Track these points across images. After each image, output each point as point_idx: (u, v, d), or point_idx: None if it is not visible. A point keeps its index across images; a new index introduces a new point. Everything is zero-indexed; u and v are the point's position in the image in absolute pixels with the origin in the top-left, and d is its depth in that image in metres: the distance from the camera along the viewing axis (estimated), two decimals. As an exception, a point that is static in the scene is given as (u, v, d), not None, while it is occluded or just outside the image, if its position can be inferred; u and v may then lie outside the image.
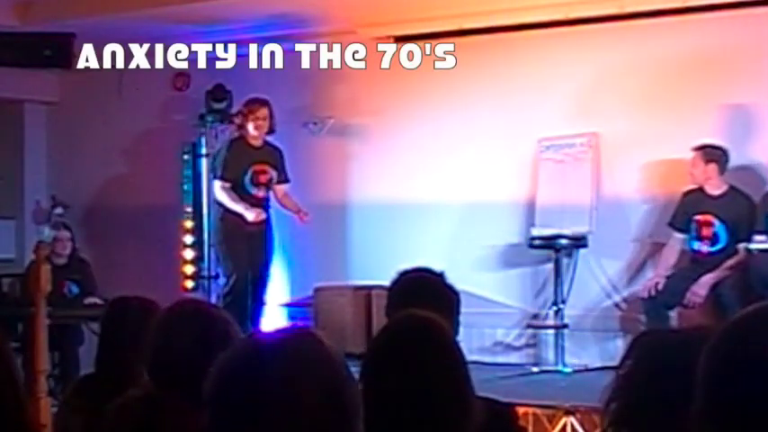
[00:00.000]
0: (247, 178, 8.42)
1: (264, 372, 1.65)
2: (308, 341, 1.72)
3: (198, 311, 3.10)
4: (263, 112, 8.41)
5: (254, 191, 8.44)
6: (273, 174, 8.51)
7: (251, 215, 8.26)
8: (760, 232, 7.20)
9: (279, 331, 1.78)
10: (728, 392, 1.52)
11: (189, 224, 9.69)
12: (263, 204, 8.45)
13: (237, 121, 8.56)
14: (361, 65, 9.07)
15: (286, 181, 8.60)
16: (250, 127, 8.42)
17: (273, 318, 8.85)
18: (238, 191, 8.39)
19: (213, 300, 9.25)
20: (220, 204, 8.42)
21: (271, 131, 8.51)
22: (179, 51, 9.80)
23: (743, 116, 7.81)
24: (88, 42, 9.06)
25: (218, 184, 8.45)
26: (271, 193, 8.56)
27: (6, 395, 2.01)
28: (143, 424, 2.88)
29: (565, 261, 8.06)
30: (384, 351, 2.54)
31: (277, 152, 8.57)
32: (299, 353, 1.69)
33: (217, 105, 9.52)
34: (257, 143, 8.48)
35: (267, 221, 8.46)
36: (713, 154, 7.52)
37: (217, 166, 8.53)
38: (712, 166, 7.50)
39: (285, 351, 1.69)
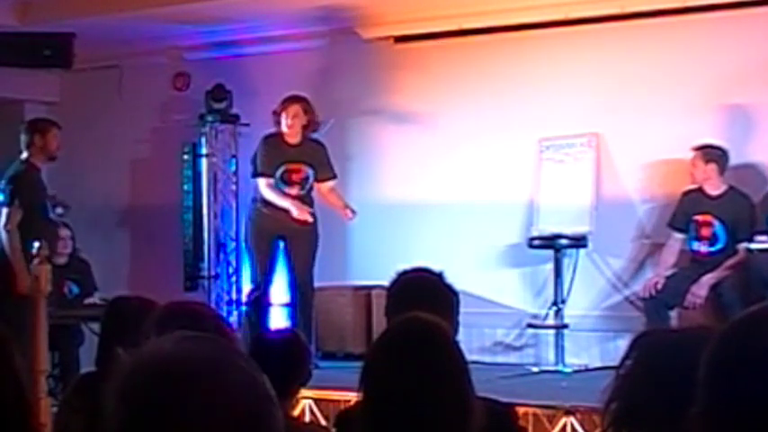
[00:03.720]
0: (278, 176, 8.17)
1: (178, 398, 1.45)
2: (221, 358, 1.51)
3: (192, 312, 3.10)
4: (295, 108, 8.12)
5: (286, 189, 8.17)
6: (309, 172, 8.24)
7: (296, 212, 8.03)
8: (761, 232, 7.20)
9: (184, 344, 1.53)
10: (729, 393, 1.52)
11: (189, 224, 9.69)
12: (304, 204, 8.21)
13: (275, 119, 8.25)
14: (361, 65, 9.07)
15: (329, 178, 8.32)
16: (283, 124, 8.16)
17: (274, 318, 8.85)
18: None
19: (213, 300, 9.27)
20: (266, 203, 8.16)
21: (310, 128, 8.22)
22: (179, 51, 9.82)
23: (743, 116, 7.82)
24: (88, 42, 9.06)
25: (261, 181, 8.17)
26: (315, 192, 8.33)
27: (10, 396, 2.00)
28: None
29: (565, 261, 8.06)
30: (385, 354, 2.53)
31: (319, 149, 8.28)
32: (215, 375, 1.48)
33: (217, 105, 9.53)
34: (294, 140, 8.19)
35: (312, 222, 8.22)
36: (713, 154, 7.52)
37: (256, 164, 8.26)
38: (712, 166, 7.50)
39: (200, 374, 1.47)
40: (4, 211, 7.76)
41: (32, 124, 8.16)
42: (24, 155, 7.97)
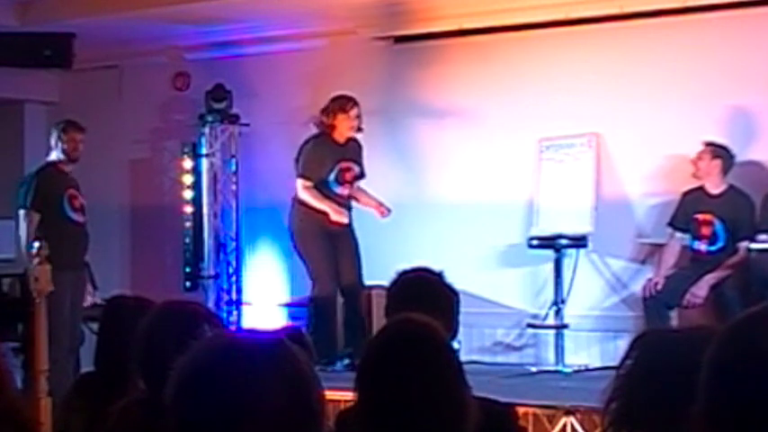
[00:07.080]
0: (332, 177, 8.06)
1: (232, 374, 1.62)
2: (271, 342, 1.70)
3: (187, 311, 3.10)
4: (357, 110, 8.07)
5: (338, 189, 8.08)
6: (357, 170, 8.18)
7: (336, 216, 7.93)
8: (763, 231, 7.19)
9: (241, 333, 1.77)
10: (730, 393, 1.51)
11: (189, 224, 9.69)
12: (347, 204, 8.12)
13: (327, 120, 8.07)
14: (362, 65, 9.07)
15: (362, 176, 8.26)
16: (344, 126, 8.03)
17: (274, 318, 8.85)
18: (323, 189, 8.02)
19: (213, 300, 9.27)
20: (302, 203, 8.01)
21: (359, 129, 8.17)
22: (179, 51, 9.82)
23: (743, 116, 7.81)
24: (88, 42, 9.06)
25: (300, 182, 8.01)
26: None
27: None
28: (144, 427, 2.88)
29: (565, 261, 8.06)
30: (379, 355, 2.53)
31: (359, 147, 8.22)
32: (264, 354, 1.66)
33: (217, 105, 9.52)
34: (342, 139, 8.10)
35: (349, 223, 8.12)
36: (721, 152, 7.52)
37: (300, 164, 8.07)
38: (717, 162, 7.50)
39: (251, 352, 1.66)
40: (21, 213, 7.82)
41: (57, 125, 8.22)
42: (50, 156, 8.06)
